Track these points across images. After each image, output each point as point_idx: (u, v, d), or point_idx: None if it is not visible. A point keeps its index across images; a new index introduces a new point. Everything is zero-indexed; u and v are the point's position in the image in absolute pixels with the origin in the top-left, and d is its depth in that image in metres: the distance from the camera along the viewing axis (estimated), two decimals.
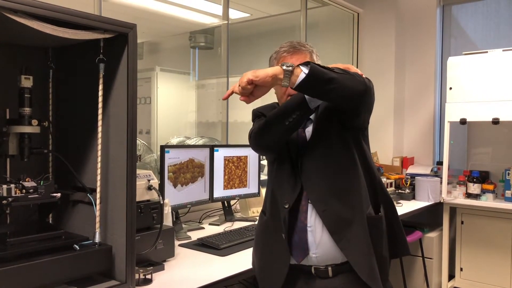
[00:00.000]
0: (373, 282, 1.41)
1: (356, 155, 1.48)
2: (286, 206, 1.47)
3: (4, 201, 1.37)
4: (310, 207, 1.46)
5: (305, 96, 1.39)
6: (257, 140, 1.53)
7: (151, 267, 1.67)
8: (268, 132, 1.48)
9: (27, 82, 1.54)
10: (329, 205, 1.43)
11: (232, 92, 1.35)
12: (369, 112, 1.50)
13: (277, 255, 1.51)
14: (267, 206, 1.59)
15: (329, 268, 1.45)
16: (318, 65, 1.32)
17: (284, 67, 1.29)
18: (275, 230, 1.52)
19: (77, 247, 1.41)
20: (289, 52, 1.56)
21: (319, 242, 1.44)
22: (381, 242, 1.48)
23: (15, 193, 1.40)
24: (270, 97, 1.82)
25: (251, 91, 1.32)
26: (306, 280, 1.49)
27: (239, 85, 1.32)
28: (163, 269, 1.77)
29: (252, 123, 1.66)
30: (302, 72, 1.28)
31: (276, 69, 1.30)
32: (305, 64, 1.29)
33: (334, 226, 1.43)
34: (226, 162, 2.66)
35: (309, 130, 1.52)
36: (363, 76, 1.41)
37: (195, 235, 2.27)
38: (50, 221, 1.71)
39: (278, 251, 1.50)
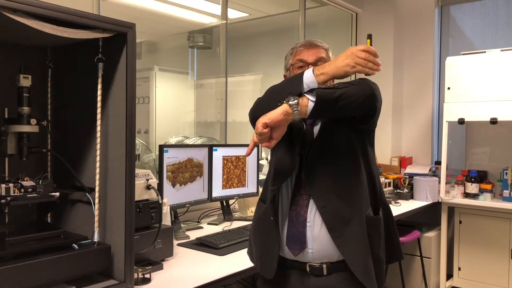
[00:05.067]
0: (368, 281, 1.41)
1: (360, 157, 1.49)
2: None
3: (3, 200, 1.37)
4: (311, 202, 1.46)
5: (303, 79, 1.34)
6: (255, 111, 1.49)
7: (150, 267, 1.67)
8: (265, 104, 1.43)
9: (26, 81, 1.54)
10: (329, 201, 1.44)
11: (254, 144, 1.35)
12: (378, 113, 1.50)
13: (274, 241, 1.51)
14: (267, 194, 1.58)
15: (324, 266, 1.45)
16: (324, 88, 1.32)
17: (290, 102, 1.30)
18: (274, 217, 1.52)
19: (76, 246, 1.41)
20: (305, 46, 1.57)
21: (316, 238, 1.44)
22: (379, 244, 1.48)
23: (14, 192, 1.40)
24: None
25: (269, 135, 1.33)
26: (301, 277, 1.49)
27: (255, 133, 1.32)
28: (161, 268, 1.77)
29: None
30: (310, 101, 1.29)
31: (283, 106, 1.31)
32: (310, 91, 1.30)
33: (333, 222, 1.43)
34: (225, 161, 2.66)
35: (317, 128, 1.52)
36: (367, 79, 1.41)
37: (193, 235, 2.27)
38: (49, 221, 1.71)
39: (276, 238, 1.51)
